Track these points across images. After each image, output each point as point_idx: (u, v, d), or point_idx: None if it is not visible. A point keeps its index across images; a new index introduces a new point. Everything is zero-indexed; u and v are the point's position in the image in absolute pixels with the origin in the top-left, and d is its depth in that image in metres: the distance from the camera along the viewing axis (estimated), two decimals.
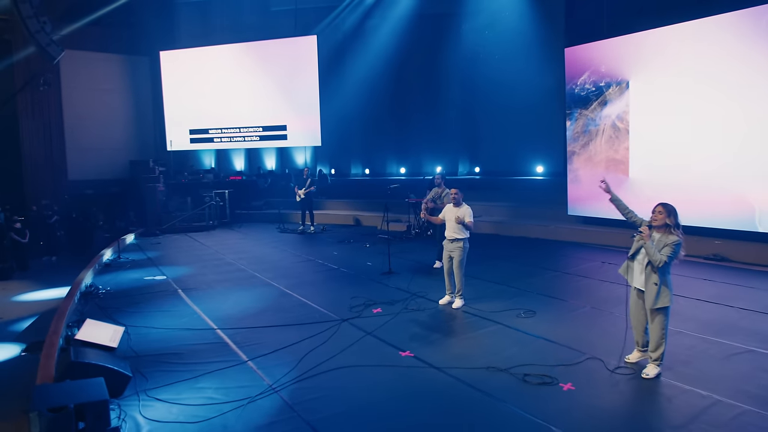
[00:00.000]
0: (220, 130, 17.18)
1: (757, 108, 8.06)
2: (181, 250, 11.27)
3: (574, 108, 10.87)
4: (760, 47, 7.97)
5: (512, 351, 4.96)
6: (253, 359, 4.94)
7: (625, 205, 4.77)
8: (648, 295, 4.27)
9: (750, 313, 5.81)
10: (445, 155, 17.13)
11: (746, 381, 4.12)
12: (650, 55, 9.41)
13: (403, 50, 15.68)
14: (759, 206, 8.11)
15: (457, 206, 6.51)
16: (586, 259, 8.99)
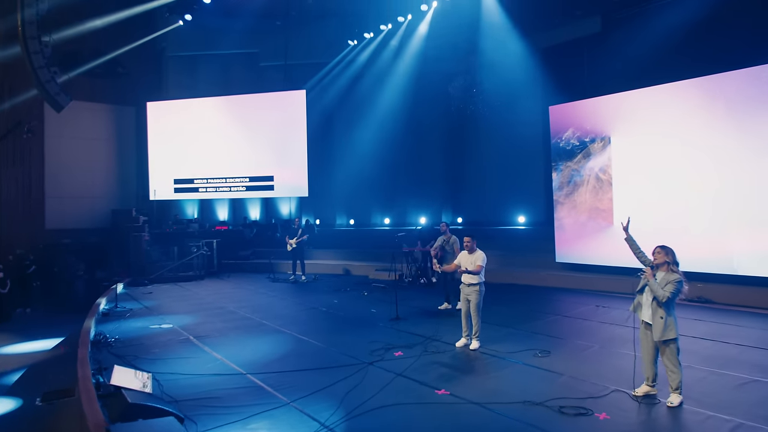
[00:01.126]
0: (206, 180, 17.39)
1: (727, 164, 9.00)
2: (176, 299, 11.24)
3: (560, 161, 11.73)
4: (721, 111, 9.02)
5: (540, 387, 5.31)
6: (294, 401, 5.11)
7: (637, 246, 5.28)
8: (655, 329, 4.76)
9: (746, 348, 6.37)
10: (429, 206, 17.74)
11: (761, 406, 4.60)
12: (629, 113, 10.41)
13: (388, 105, 16.50)
14: (736, 252, 8.90)
15: (471, 253, 6.98)
16: (580, 303, 9.52)
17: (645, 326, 4.94)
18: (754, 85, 8.74)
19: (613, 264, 10.45)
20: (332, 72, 17.05)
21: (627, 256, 5.53)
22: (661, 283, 4.73)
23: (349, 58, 16.89)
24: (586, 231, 11.26)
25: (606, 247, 10.75)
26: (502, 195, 15.85)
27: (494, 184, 15.78)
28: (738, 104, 8.94)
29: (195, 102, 17.39)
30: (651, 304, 4.81)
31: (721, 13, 9.64)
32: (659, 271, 4.83)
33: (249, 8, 15.78)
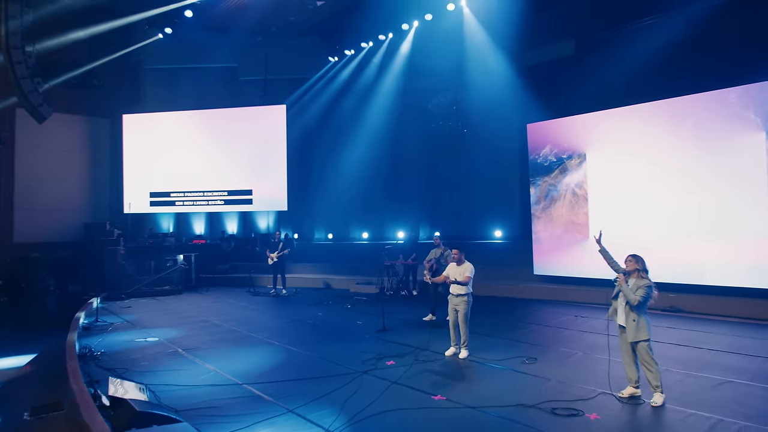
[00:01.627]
0: (183, 194, 17.28)
1: (694, 181, 9.59)
2: (157, 313, 11.14)
3: (537, 176, 12.20)
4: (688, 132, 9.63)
5: (531, 391, 5.57)
6: (295, 409, 5.22)
7: (611, 256, 5.66)
8: (629, 330, 5.15)
9: (718, 352, 6.80)
10: (407, 220, 17.96)
11: (737, 404, 4.96)
12: (603, 132, 10.96)
13: (369, 121, 16.79)
14: (704, 263, 9.44)
15: (460, 264, 7.25)
16: (559, 314, 9.88)
17: (621, 330, 5.29)
18: (718, 108, 9.38)
19: (589, 276, 10.89)
20: (313, 88, 17.28)
21: (603, 268, 5.91)
22: (633, 288, 5.10)
23: (330, 74, 17.16)
24: (563, 244, 11.70)
25: (582, 260, 11.20)
26: (480, 210, 16.23)
27: (472, 199, 16.16)
28: (703, 125, 9.55)
29: (172, 115, 17.34)
30: (625, 308, 5.18)
31: (688, 40, 10.29)
32: (631, 278, 5.20)
33: (230, 23, 15.93)
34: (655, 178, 10.17)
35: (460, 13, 13.26)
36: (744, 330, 8.05)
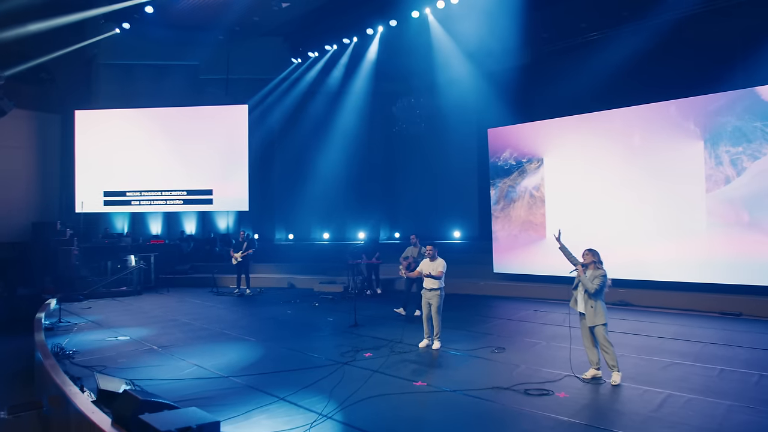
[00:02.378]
0: (140, 193, 16.98)
1: (641, 185, 10.49)
2: (121, 313, 11.02)
3: (497, 179, 12.89)
4: (637, 139, 10.53)
5: (504, 375, 6.08)
6: (285, 397, 5.50)
7: (569, 252, 6.27)
8: (588, 316, 5.78)
9: (665, 339, 7.57)
10: (367, 221, 18.34)
11: (683, 381, 5.64)
12: (560, 138, 11.75)
13: (331, 123, 17.08)
14: (650, 260, 10.33)
15: (433, 260, 7.71)
16: (519, 309, 10.54)
17: (581, 317, 5.91)
18: (663, 118, 10.31)
19: (546, 273, 11.64)
20: (276, 89, 17.36)
21: (559, 266, 6.53)
22: (591, 278, 5.73)
23: (293, 76, 17.31)
24: (521, 243, 12.42)
25: (540, 258, 11.94)
26: (440, 211, 16.85)
27: (432, 200, 16.75)
28: (650, 133, 10.47)
29: (129, 112, 17.02)
30: (584, 297, 5.79)
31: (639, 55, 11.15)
32: (588, 269, 5.82)
33: (191, 21, 15.84)
34: (607, 182, 11.02)
35: (425, 20, 13.78)
36: (686, 320, 8.93)
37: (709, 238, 9.77)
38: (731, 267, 9.51)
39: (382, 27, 14.68)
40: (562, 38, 12.62)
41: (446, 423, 4.77)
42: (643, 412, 4.86)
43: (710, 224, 9.76)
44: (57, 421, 5.75)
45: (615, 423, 4.64)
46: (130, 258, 14.50)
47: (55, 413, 5.87)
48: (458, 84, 14.10)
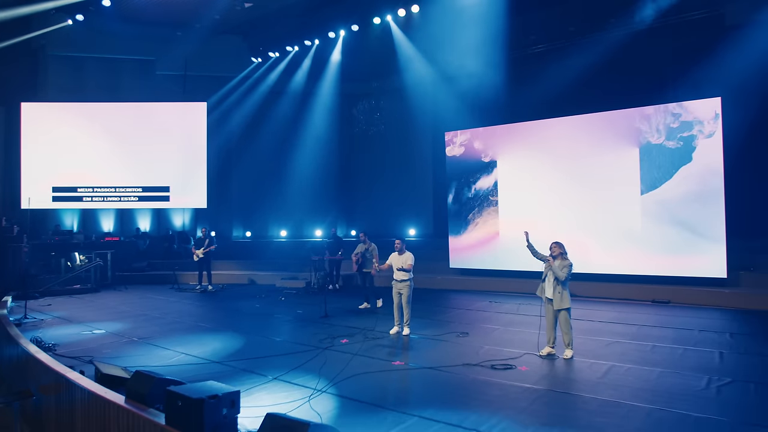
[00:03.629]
0: (92, 189, 16.79)
1: (584, 186, 11.69)
2: (86, 309, 11.08)
3: (453, 180, 13.82)
4: (584, 144, 11.73)
5: (471, 355, 6.91)
6: (278, 377, 6.09)
7: (536, 249, 7.18)
8: (555, 301, 6.70)
9: (605, 323, 8.68)
10: (323, 219, 18.92)
11: (623, 355, 6.68)
12: (513, 142, 12.81)
13: (291, 123, 17.49)
14: (592, 255, 11.53)
15: (401, 254, 8.47)
16: (475, 300, 11.47)
17: (548, 301, 6.82)
18: (606, 126, 11.55)
19: (499, 268, 12.68)
20: (236, 87, 17.57)
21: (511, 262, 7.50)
22: (560, 267, 6.65)
23: (255, 75, 17.59)
24: (476, 241, 13.41)
25: (493, 255, 12.96)
26: (396, 209, 17.63)
27: (389, 199, 17.50)
28: (595, 140, 11.68)
29: (80, 106, 16.76)
30: (552, 284, 6.71)
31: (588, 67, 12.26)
32: (556, 260, 6.75)
33: (148, 15, 15.82)
34: (554, 184, 12.15)
35: (387, 26, 14.53)
36: (623, 307, 10.14)
37: (643, 235, 11.06)
38: (662, 260, 10.83)
39: (344, 31, 15.31)
40: (515, 49, 13.67)
41: (427, 393, 5.53)
42: (592, 378, 5.81)
43: (644, 223, 11.06)
44: (54, 408, 6.04)
45: (570, 387, 5.56)
46: (75, 255, 14.38)
47: (50, 401, 6.17)
48: (417, 88, 14.95)
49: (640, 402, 5.05)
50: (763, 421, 4.55)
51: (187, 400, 4.17)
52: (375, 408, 5.08)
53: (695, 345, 7.18)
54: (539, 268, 7.06)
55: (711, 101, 10.40)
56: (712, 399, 5.14)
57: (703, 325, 8.43)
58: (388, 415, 4.89)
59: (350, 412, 4.97)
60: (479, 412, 4.88)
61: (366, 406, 5.12)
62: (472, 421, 4.68)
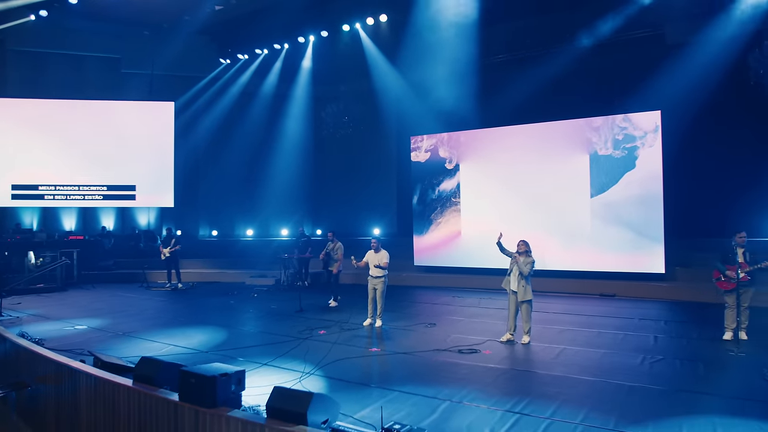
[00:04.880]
0: (54, 187, 16.79)
1: (540, 189, 12.79)
2: (60, 307, 11.32)
3: (418, 182, 14.72)
4: (538, 149, 12.84)
5: (440, 342, 7.76)
6: (268, 363, 6.76)
7: (504, 247, 8.09)
8: (520, 293, 7.63)
9: (558, 314, 9.73)
10: (290, 218, 19.46)
11: (573, 340, 7.68)
12: (475, 147, 13.80)
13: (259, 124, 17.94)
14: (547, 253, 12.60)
15: (377, 252, 9.26)
16: (439, 295, 12.38)
17: (512, 293, 7.73)
18: (562, 134, 12.68)
19: (461, 266, 13.65)
20: (205, 87, 17.89)
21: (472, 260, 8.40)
22: (524, 263, 7.58)
23: (222, 75, 17.97)
24: (440, 240, 14.34)
25: (456, 253, 13.92)
26: (362, 210, 18.36)
27: (355, 200, 18.22)
28: (551, 146, 12.79)
29: (42, 103, 16.72)
30: (517, 278, 7.63)
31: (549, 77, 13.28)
32: (522, 256, 7.68)
33: (115, 13, 15.95)
34: (513, 187, 13.21)
35: (356, 32, 15.27)
36: (574, 300, 11.24)
37: (592, 235, 12.23)
38: (609, 258, 12.01)
39: (313, 37, 15.96)
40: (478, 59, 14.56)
41: (404, 373, 6.33)
42: (546, 359, 6.77)
43: (593, 223, 12.23)
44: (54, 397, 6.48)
45: (527, 366, 6.49)
46: (30, 255, 14.42)
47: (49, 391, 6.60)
48: (385, 93, 15.75)
49: (585, 376, 6.01)
50: (685, 388, 5.58)
51: (201, 378, 4.82)
52: (361, 386, 5.84)
53: (634, 331, 8.28)
54: (499, 265, 7.98)
55: (652, 114, 11.66)
56: (645, 372, 6.15)
57: (643, 314, 9.60)
58: (372, 391, 5.67)
59: (340, 389, 5.71)
60: (450, 387, 5.72)
61: (352, 385, 5.88)
62: (445, 394, 5.51)
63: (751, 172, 11.58)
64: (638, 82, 12.53)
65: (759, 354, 6.71)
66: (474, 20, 13.62)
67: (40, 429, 6.75)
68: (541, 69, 13.42)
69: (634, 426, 4.58)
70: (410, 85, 15.29)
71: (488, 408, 5.09)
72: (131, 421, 5.33)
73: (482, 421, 4.78)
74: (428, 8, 13.65)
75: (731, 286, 7.17)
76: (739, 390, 5.45)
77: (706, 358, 6.65)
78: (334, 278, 11.52)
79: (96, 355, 6.54)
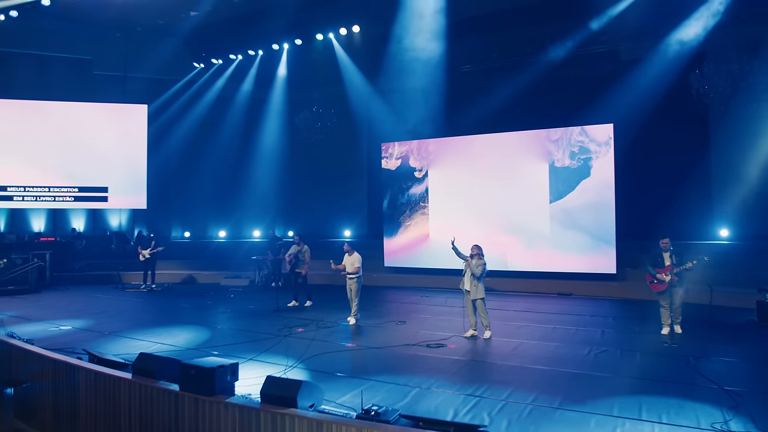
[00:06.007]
0: (23, 188, 16.93)
1: (502, 195, 13.77)
2: (37, 309, 11.65)
3: (388, 186, 15.54)
4: (500, 157, 13.82)
5: (409, 337, 8.57)
6: (254, 358, 7.45)
7: (460, 252, 8.95)
8: (473, 292, 8.51)
9: (518, 312, 10.69)
10: (262, 220, 19.99)
11: (530, 335, 8.62)
12: (443, 154, 14.69)
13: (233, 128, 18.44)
14: (509, 255, 13.62)
15: (350, 255, 10.03)
16: (408, 295, 13.21)
17: (467, 293, 8.62)
18: (524, 143, 13.68)
19: (429, 267, 14.53)
20: (179, 90, 18.25)
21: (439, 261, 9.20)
22: (476, 265, 8.47)
23: (196, 79, 18.37)
24: (409, 242, 15.19)
25: (424, 255, 14.79)
26: (333, 212, 19.05)
27: (327, 202, 18.87)
28: (514, 155, 13.78)
29: (10, 103, 16.84)
30: (470, 279, 8.52)
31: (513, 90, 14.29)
32: (474, 259, 8.56)
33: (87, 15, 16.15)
34: (480, 192, 14.15)
35: (330, 41, 15.98)
36: (534, 299, 12.24)
37: (551, 237, 13.27)
38: (566, 259, 13.07)
39: (287, 45, 16.59)
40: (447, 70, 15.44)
41: (379, 365, 7.11)
42: (505, 351, 7.66)
43: (552, 227, 13.27)
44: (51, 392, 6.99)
45: (487, 358, 7.37)
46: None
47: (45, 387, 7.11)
48: (357, 100, 16.53)
49: (538, 365, 6.92)
50: (622, 374, 6.53)
51: (200, 370, 5.50)
52: (340, 376, 6.61)
53: (585, 326, 9.28)
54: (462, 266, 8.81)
55: (606, 126, 12.76)
56: (590, 362, 7.10)
57: (595, 311, 10.64)
58: (351, 380, 6.44)
59: (322, 379, 6.45)
60: (420, 376, 6.54)
61: (333, 375, 6.64)
62: (415, 382, 6.33)
63: (692, 179, 12.88)
64: (595, 95, 13.56)
65: (689, 345, 7.77)
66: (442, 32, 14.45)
67: (37, 424, 7.26)
68: (506, 81, 14.42)
69: (575, 405, 5.48)
70: (381, 94, 16.10)
71: (452, 393, 5.92)
72: (132, 411, 5.96)
73: (447, 403, 5.61)
74: (399, 20, 14.44)
75: (662, 288, 8.22)
76: (666, 374, 6.44)
77: (644, 349, 7.65)
78: (303, 279, 12.08)
79: (91, 353, 7.10)
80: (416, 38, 14.59)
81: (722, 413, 5.17)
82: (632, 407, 5.36)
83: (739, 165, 12.56)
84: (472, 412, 5.34)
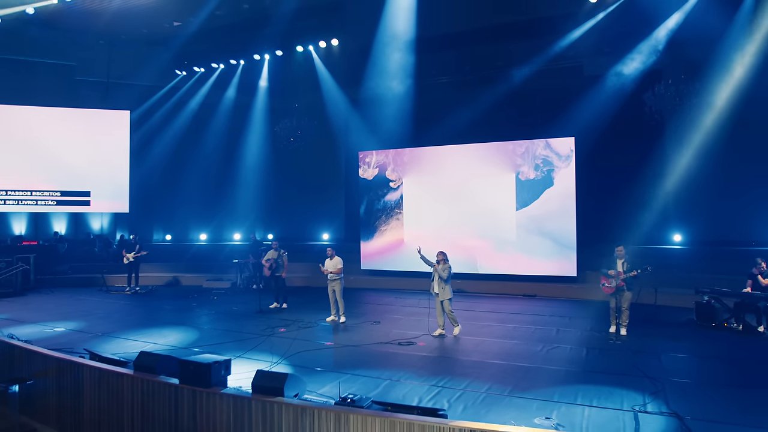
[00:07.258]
0: (5, 192, 17.40)
1: (474, 202, 14.80)
2: (28, 311, 12.26)
3: (365, 193, 16.46)
4: (474, 166, 14.85)
5: (383, 336, 9.51)
6: (242, 355, 8.29)
7: (427, 259, 9.89)
8: (440, 294, 9.48)
9: (485, 312, 11.71)
10: (242, 224, 20.72)
11: (495, 333, 9.63)
12: (417, 163, 15.66)
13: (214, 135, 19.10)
14: (477, 259, 14.66)
15: (332, 259, 10.93)
16: (383, 296, 14.15)
17: (435, 295, 9.59)
18: (493, 154, 14.73)
19: (403, 270, 15.49)
20: (162, 97, 18.87)
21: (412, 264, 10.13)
22: (442, 269, 9.44)
23: (180, 86, 19.02)
24: (384, 246, 16.14)
25: (399, 258, 15.76)
26: (311, 217, 19.90)
27: (305, 207, 19.71)
28: (484, 164, 14.82)
29: None
30: (438, 282, 9.49)
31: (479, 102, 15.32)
32: (440, 264, 9.53)
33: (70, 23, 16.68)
34: (451, 199, 15.17)
35: (310, 53, 16.84)
36: (500, 300, 13.28)
37: (517, 242, 14.35)
38: (531, 262, 14.16)
39: (268, 55, 17.39)
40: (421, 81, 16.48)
41: (354, 361, 8.03)
42: (468, 348, 8.66)
43: (518, 233, 14.35)
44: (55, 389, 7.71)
45: (452, 354, 8.35)
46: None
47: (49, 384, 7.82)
48: (335, 110, 17.43)
49: (496, 360, 7.92)
50: (567, 367, 7.56)
51: (198, 365, 6.35)
52: (320, 370, 7.52)
53: (543, 325, 10.33)
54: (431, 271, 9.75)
55: (568, 139, 13.87)
56: (542, 356, 8.13)
57: (554, 312, 11.71)
58: (330, 374, 7.35)
59: (304, 373, 7.32)
60: (391, 370, 7.48)
61: (314, 370, 7.54)
62: (386, 375, 7.26)
63: (647, 188, 14.10)
64: (558, 109, 14.68)
65: (631, 341, 8.87)
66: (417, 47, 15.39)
67: (42, 419, 7.98)
68: (477, 94, 15.47)
69: (522, 393, 6.47)
70: (358, 104, 17.02)
71: (418, 384, 6.88)
72: (135, 404, 6.77)
73: (414, 392, 6.56)
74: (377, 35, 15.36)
75: (611, 290, 9.32)
76: (606, 367, 7.50)
77: (591, 345, 8.72)
78: (282, 282, 12.85)
79: (92, 352, 7.87)
80: (392, 52, 15.54)
81: (643, 398, 6.22)
82: (570, 394, 6.38)
83: (689, 176, 13.77)
84: (435, 399, 6.30)
